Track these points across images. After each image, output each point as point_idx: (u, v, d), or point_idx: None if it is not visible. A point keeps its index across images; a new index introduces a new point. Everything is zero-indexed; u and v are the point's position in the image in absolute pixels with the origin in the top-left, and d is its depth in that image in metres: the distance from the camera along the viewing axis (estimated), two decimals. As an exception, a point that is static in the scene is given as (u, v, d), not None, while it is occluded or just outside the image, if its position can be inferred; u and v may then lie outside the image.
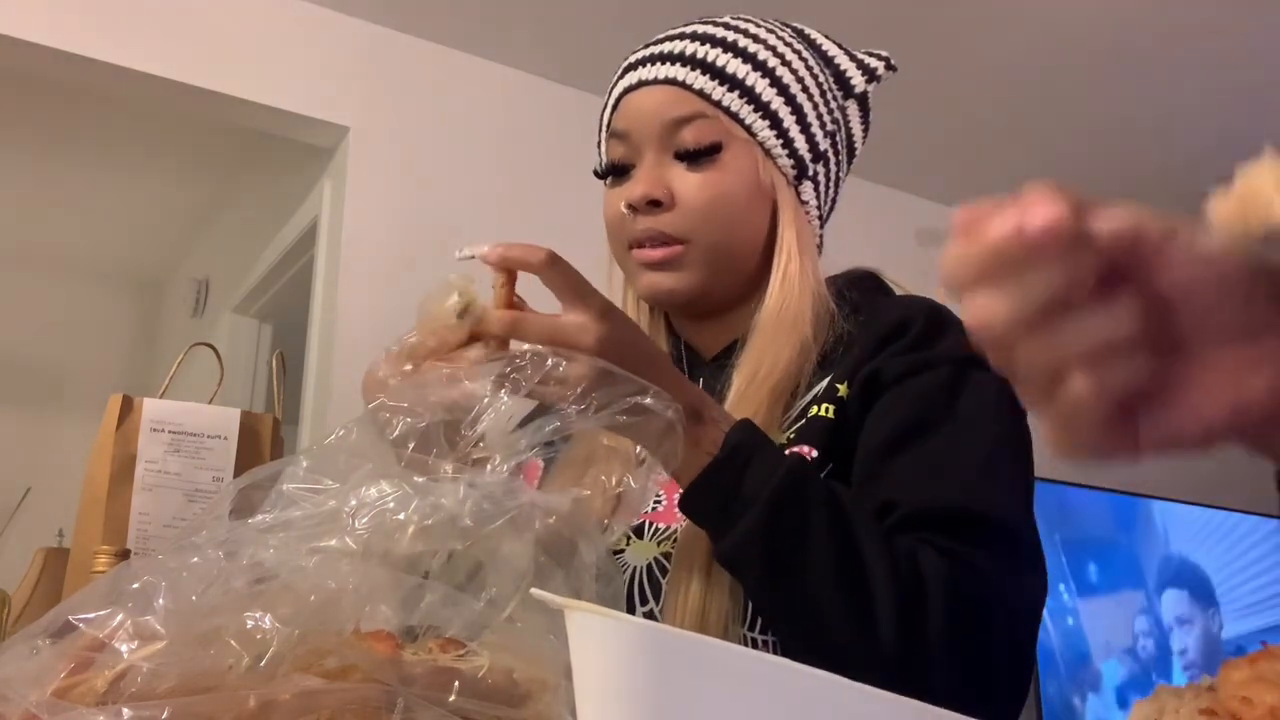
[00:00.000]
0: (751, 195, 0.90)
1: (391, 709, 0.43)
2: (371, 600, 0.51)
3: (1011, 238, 0.36)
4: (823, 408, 0.83)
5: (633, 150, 0.91)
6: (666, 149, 0.89)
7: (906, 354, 0.83)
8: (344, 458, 0.58)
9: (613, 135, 0.93)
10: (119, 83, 2.31)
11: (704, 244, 0.88)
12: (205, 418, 0.96)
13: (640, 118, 0.90)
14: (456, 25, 2.54)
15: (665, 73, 0.90)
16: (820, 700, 0.32)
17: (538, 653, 0.50)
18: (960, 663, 0.69)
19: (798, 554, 0.69)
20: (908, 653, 0.68)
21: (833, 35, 1.03)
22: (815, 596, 0.69)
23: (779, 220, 0.91)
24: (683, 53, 0.91)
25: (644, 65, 0.92)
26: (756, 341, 0.88)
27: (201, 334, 3.33)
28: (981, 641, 0.70)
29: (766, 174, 0.90)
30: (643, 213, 0.88)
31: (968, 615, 0.69)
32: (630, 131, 0.91)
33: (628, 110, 0.92)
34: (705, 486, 0.72)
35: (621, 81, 0.94)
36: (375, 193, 2.47)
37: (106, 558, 0.75)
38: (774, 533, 0.70)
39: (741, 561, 0.72)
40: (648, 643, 0.34)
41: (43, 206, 3.56)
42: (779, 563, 0.70)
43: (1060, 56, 2.60)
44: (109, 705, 0.42)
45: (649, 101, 0.90)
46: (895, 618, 0.68)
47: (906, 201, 3.28)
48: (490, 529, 0.55)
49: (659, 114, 0.89)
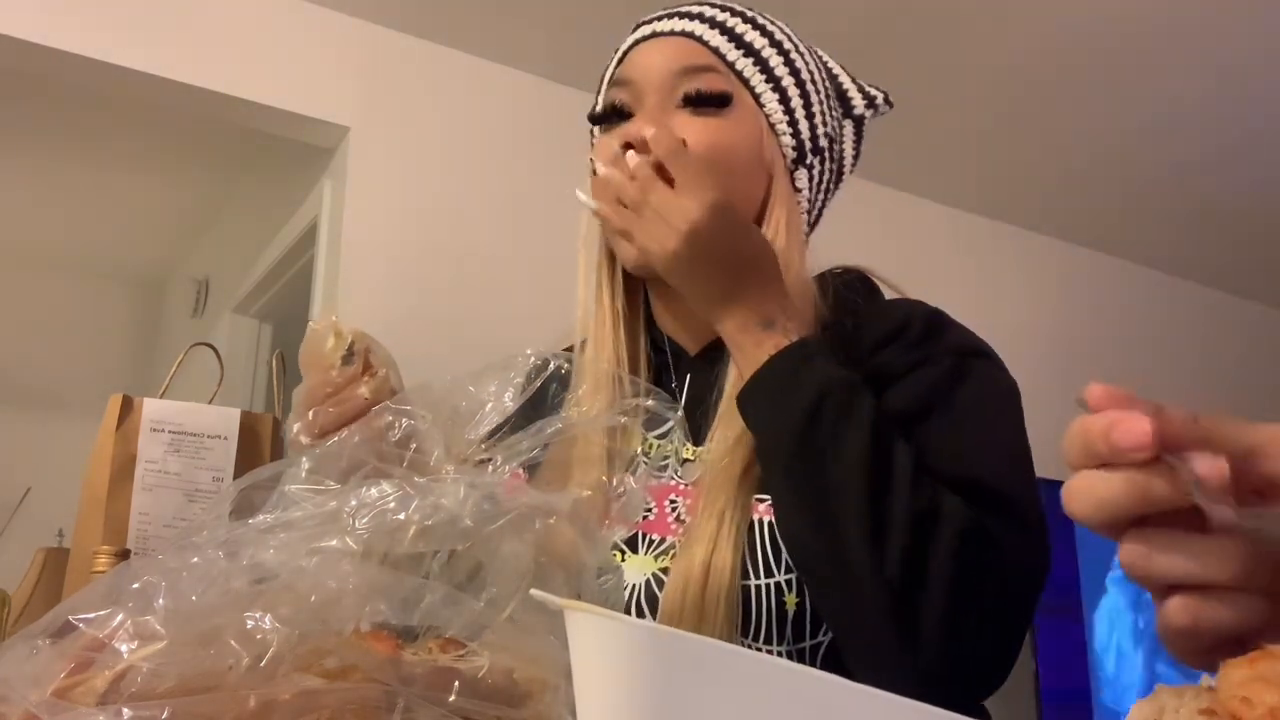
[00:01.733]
0: (751, 160, 0.88)
1: (391, 709, 0.43)
2: (371, 600, 0.51)
3: (1102, 440, 0.36)
4: None
5: (634, 97, 0.89)
6: (672, 98, 0.87)
7: (909, 351, 0.83)
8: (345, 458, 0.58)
9: (615, 83, 0.91)
10: (119, 83, 2.31)
11: None
12: (205, 418, 0.96)
13: (649, 66, 0.88)
14: (456, 25, 2.54)
15: (681, 26, 0.89)
16: (821, 701, 0.32)
17: (538, 653, 0.50)
18: (955, 598, 0.68)
19: (829, 453, 0.71)
20: (908, 583, 0.68)
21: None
22: (834, 498, 0.70)
23: (771, 197, 0.89)
24: (701, 14, 0.90)
25: (658, 21, 0.92)
26: None
27: (201, 334, 3.33)
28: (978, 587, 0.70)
29: (769, 147, 0.89)
30: (640, 151, 0.83)
31: (971, 557, 0.69)
32: (636, 79, 0.89)
33: (636, 59, 0.90)
34: (765, 374, 0.75)
35: (632, 36, 0.93)
36: (375, 193, 2.47)
37: (106, 558, 0.75)
38: (813, 427, 0.71)
39: (775, 449, 0.74)
40: (648, 643, 0.34)
41: (42, 206, 3.55)
42: (811, 459, 0.71)
43: (1060, 57, 2.60)
44: (109, 705, 0.42)
45: (661, 51, 0.89)
46: (905, 537, 0.68)
47: (907, 201, 3.28)
48: (491, 529, 0.55)
49: (671, 62, 0.88)
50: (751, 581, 0.76)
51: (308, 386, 0.79)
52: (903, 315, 0.87)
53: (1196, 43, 2.53)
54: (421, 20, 2.53)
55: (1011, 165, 3.14)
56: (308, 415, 0.76)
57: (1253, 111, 2.82)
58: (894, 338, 0.85)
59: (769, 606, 0.76)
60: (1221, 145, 2.98)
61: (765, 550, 0.77)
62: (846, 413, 0.72)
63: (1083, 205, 3.36)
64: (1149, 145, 2.99)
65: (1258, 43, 2.52)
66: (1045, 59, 2.60)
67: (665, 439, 0.88)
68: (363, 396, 0.76)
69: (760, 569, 0.77)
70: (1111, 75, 2.67)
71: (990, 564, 0.70)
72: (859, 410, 0.72)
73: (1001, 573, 0.71)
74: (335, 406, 0.76)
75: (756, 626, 0.76)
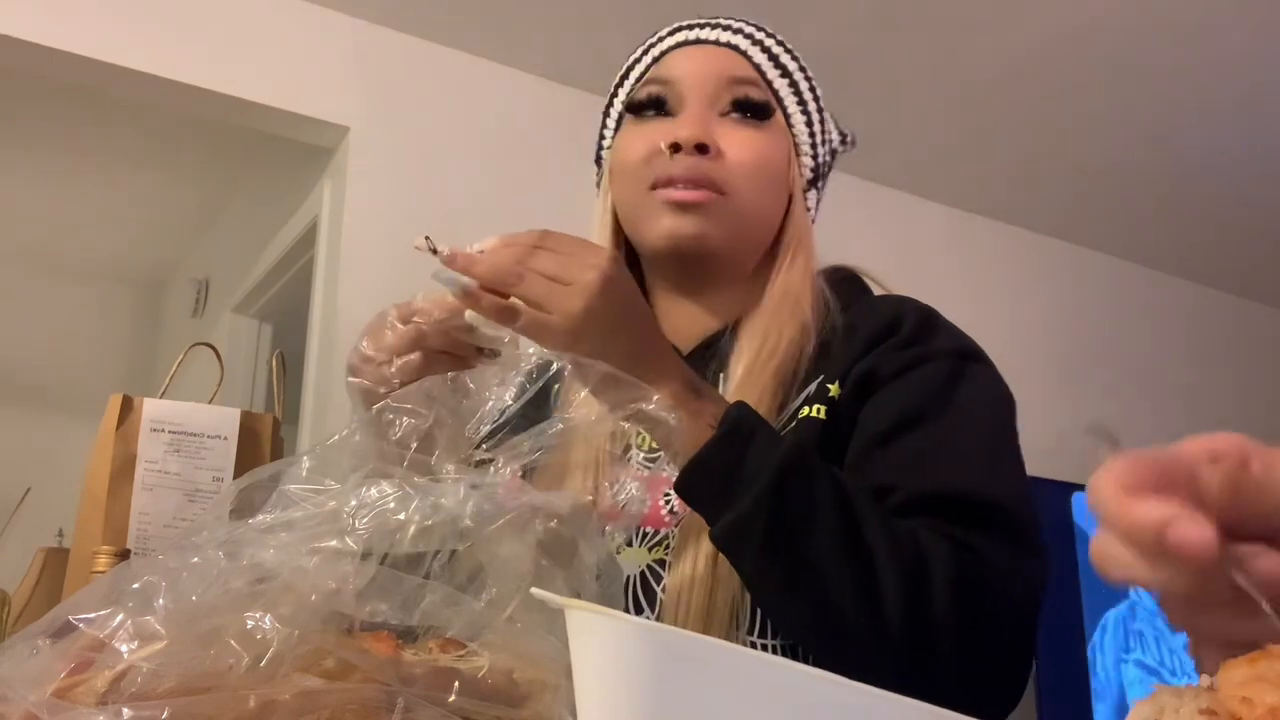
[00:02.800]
0: (781, 174, 0.91)
1: (391, 709, 0.43)
2: (371, 600, 0.51)
3: (1153, 533, 0.33)
4: (814, 409, 0.82)
5: (675, 97, 0.89)
6: (714, 106, 0.88)
7: (901, 350, 0.83)
8: (345, 458, 0.58)
9: (653, 80, 0.91)
10: (119, 83, 2.31)
11: (739, 200, 0.87)
12: (205, 418, 0.96)
13: (694, 69, 0.89)
14: (456, 25, 2.54)
15: (726, 38, 0.91)
16: (821, 700, 0.32)
17: (538, 653, 0.50)
18: (963, 643, 0.68)
19: (802, 529, 0.68)
20: (913, 631, 0.67)
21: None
22: (820, 573, 0.68)
23: (791, 212, 0.92)
24: (742, 29, 0.92)
25: (700, 29, 0.93)
26: (758, 320, 0.87)
27: (201, 334, 3.33)
28: (983, 623, 0.69)
29: (794, 167, 0.92)
30: (688, 153, 0.85)
31: (969, 596, 0.68)
32: (678, 79, 0.90)
33: (678, 60, 0.91)
34: (708, 461, 0.70)
35: (669, 39, 0.93)
36: (375, 193, 2.47)
37: (106, 558, 0.75)
38: (780, 507, 0.68)
39: (744, 537, 0.69)
40: (648, 643, 0.34)
41: (43, 206, 3.55)
42: (784, 538, 0.68)
43: (1060, 57, 2.60)
44: (109, 705, 0.42)
45: (707, 57, 0.90)
46: (900, 595, 0.66)
47: (907, 201, 3.28)
48: (491, 530, 0.55)
49: (719, 70, 0.89)
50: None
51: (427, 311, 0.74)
52: (894, 313, 0.87)
53: (1197, 43, 2.53)
54: (421, 20, 2.53)
55: (1011, 165, 3.14)
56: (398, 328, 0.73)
57: (1252, 111, 2.82)
58: (886, 336, 0.85)
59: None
60: (1222, 145, 2.98)
61: None
62: (807, 496, 0.69)
63: (1082, 205, 3.36)
64: (1149, 145, 2.99)
65: (1258, 43, 2.52)
66: (1045, 59, 2.60)
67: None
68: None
69: None
70: (1111, 75, 2.67)
71: (988, 591, 0.70)
72: (819, 479, 0.70)
73: (1001, 593, 0.71)
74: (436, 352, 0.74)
75: (752, 620, 0.77)
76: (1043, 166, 3.14)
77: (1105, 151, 3.03)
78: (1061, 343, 3.49)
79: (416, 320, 0.74)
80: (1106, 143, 2.99)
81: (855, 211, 3.15)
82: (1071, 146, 3.01)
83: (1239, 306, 4.01)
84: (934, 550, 0.69)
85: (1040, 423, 3.78)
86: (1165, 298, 3.82)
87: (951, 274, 3.32)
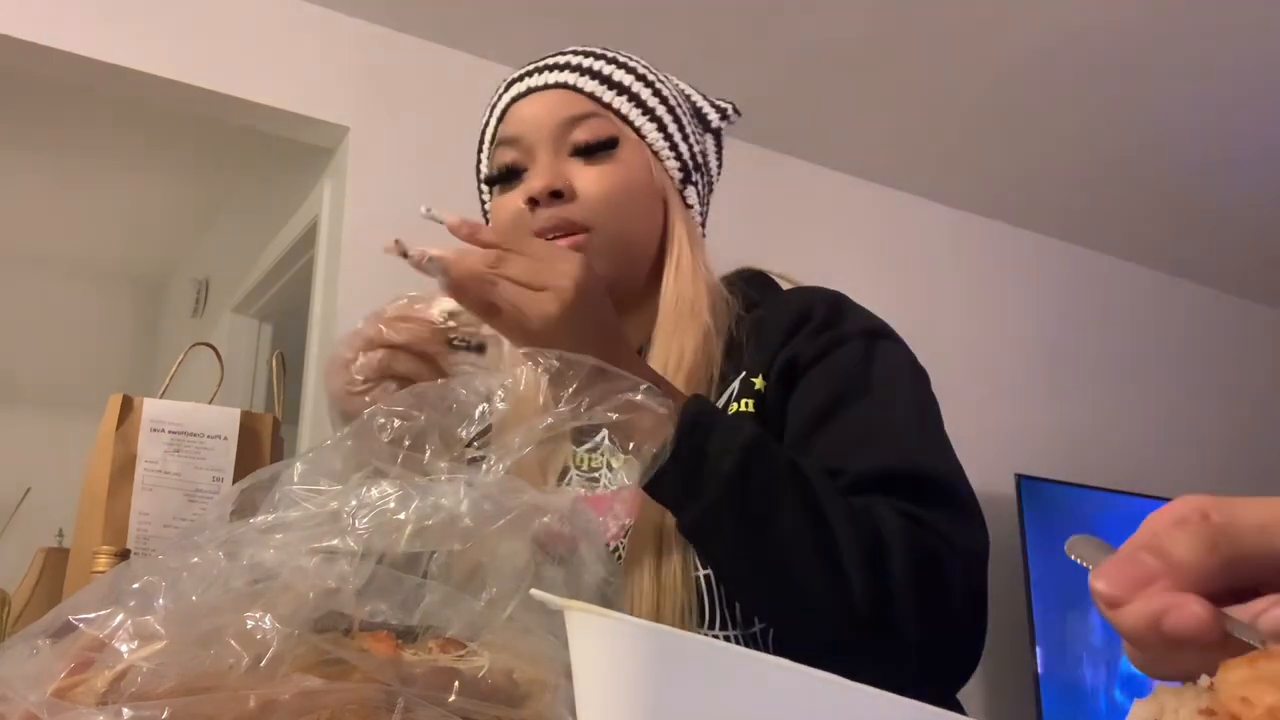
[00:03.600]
0: (646, 190, 0.93)
1: (391, 709, 0.43)
2: (371, 600, 0.51)
3: (1149, 629, 0.33)
4: (742, 404, 0.86)
5: (524, 154, 0.93)
6: (560, 149, 0.92)
7: (816, 336, 0.87)
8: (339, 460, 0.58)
9: (501, 143, 0.95)
10: (119, 83, 2.31)
11: (606, 233, 0.89)
12: (205, 418, 0.96)
13: (533, 121, 0.93)
14: (456, 25, 2.54)
15: (555, 79, 0.94)
16: (820, 700, 0.32)
17: (538, 653, 0.50)
18: (924, 611, 0.71)
19: (769, 514, 0.71)
20: (876, 604, 0.70)
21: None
22: (788, 556, 0.71)
23: (670, 217, 0.95)
24: (569, 63, 0.95)
25: (530, 76, 0.96)
26: (660, 337, 0.90)
27: (201, 334, 3.33)
28: (939, 590, 0.73)
29: (658, 174, 0.94)
30: (545, 205, 0.89)
31: (925, 565, 0.72)
32: (522, 135, 0.93)
33: (518, 116, 0.94)
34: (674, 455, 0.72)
35: (506, 94, 0.97)
36: (375, 193, 2.47)
37: (106, 558, 0.75)
38: (747, 494, 0.71)
39: (714, 526, 0.73)
40: (648, 643, 0.34)
41: (43, 206, 3.56)
42: (752, 524, 0.71)
43: (1060, 58, 2.60)
44: (109, 705, 0.42)
45: (541, 105, 0.93)
46: (863, 570, 0.70)
47: (907, 201, 3.28)
48: (490, 529, 0.55)
49: (552, 115, 0.92)
50: (703, 572, 0.80)
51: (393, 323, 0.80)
52: (804, 303, 0.91)
53: (1195, 44, 2.53)
54: (421, 20, 2.53)
55: (1011, 165, 3.14)
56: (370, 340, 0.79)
57: (1251, 112, 2.82)
58: (800, 325, 0.88)
59: (722, 595, 0.80)
60: (1221, 146, 2.99)
61: None
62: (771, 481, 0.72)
63: (1082, 205, 3.36)
64: (1148, 146, 3.00)
65: (1256, 43, 2.53)
66: (1045, 60, 2.61)
67: (595, 452, 0.91)
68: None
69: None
70: (1110, 76, 2.67)
71: (941, 559, 0.73)
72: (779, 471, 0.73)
73: (952, 561, 0.74)
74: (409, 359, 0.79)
75: (711, 615, 0.80)
76: (1043, 167, 3.14)
77: (1105, 152, 3.03)
78: (1061, 343, 3.50)
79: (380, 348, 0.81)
80: (1106, 143, 2.99)
81: (855, 211, 3.15)
82: (1071, 147, 3.01)
83: (1240, 307, 4.01)
84: (888, 523, 0.73)
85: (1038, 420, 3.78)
86: (1165, 298, 3.82)
87: (952, 274, 3.32)
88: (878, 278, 2.86)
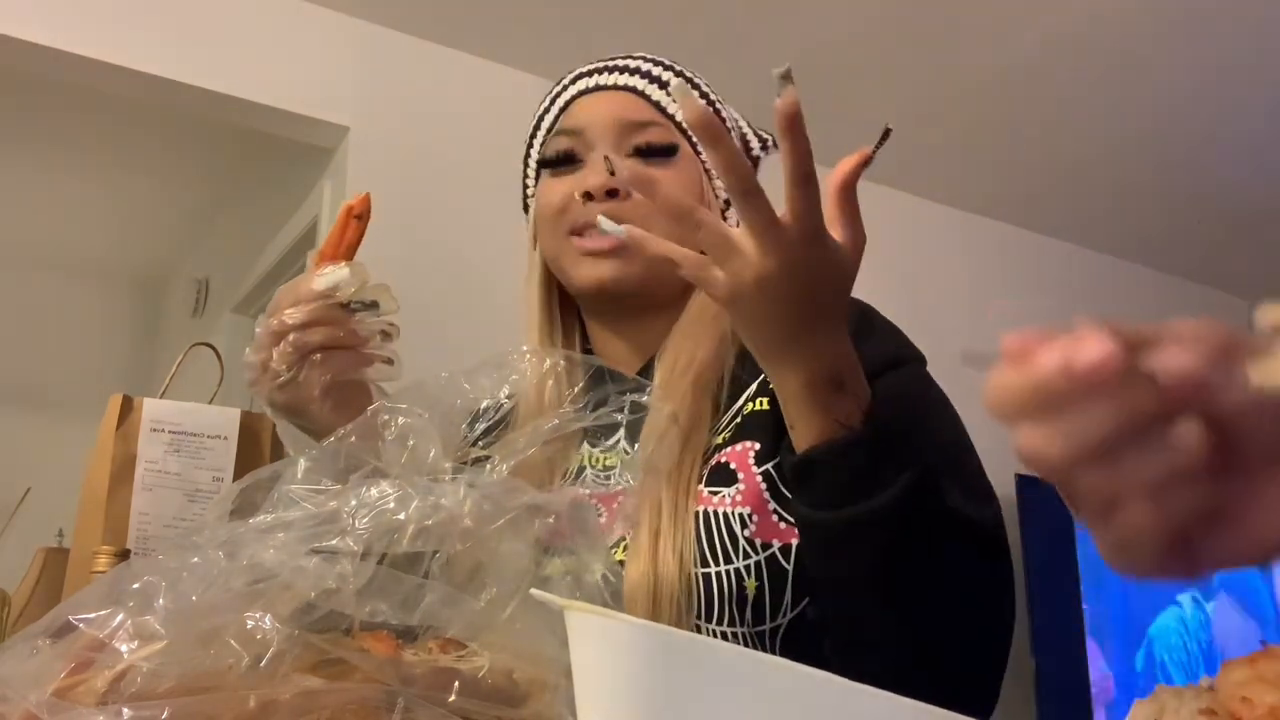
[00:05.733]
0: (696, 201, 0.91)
1: (391, 709, 0.43)
2: (371, 600, 0.51)
3: (1060, 374, 0.34)
4: (758, 401, 0.86)
5: (584, 146, 0.94)
6: (621, 149, 0.92)
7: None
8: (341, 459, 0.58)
9: (561, 132, 0.96)
10: (119, 83, 2.30)
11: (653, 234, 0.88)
12: (205, 418, 0.96)
13: (597, 117, 0.94)
14: (456, 25, 2.54)
15: (624, 81, 0.95)
16: (820, 700, 0.32)
17: (538, 653, 0.50)
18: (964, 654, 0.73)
19: (903, 543, 0.69)
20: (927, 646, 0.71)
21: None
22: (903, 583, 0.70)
23: None
24: (638, 68, 0.96)
25: (599, 74, 0.97)
26: (674, 338, 0.91)
27: (201, 334, 3.33)
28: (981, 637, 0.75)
29: (709, 192, 0.95)
30: (599, 200, 0.89)
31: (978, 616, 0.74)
32: (585, 129, 0.94)
33: (582, 109, 0.95)
34: (838, 458, 0.69)
35: (572, 87, 0.98)
36: (375, 193, 2.46)
37: (106, 558, 0.74)
38: (904, 518, 0.68)
39: (860, 535, 0.69)
40: (648, 643, 0.34)
41: (43, 206, 3.55)
42: (900, 547, 0.69)
43: (1058, 58, 2.60)
44: (109, 705, 0.42)
45: (608, 104, 0.94)
46: (931, 620, 0.71)
47: (907, 201, 3.28)
48: (490, 529, 0.55)
49: (619, 115, 0.93)
50: (711, 569, 0.80)
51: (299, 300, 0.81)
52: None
53: (1193, 43, 2.53)
54: (421, 20, 2.53)
55: (1011, 165, 3.14)
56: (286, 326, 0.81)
57: (1250, 111, 2.82)
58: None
59: (729, 591, 0.79)
60: (1220, 145, 2.99)
61: (722, 539, 0.81)
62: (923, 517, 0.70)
63: (1082, 205, 3.36)
64: (1148, 145, 3.00)
65: (1253, 42, 2.53)
66: (1044, 60, 2.61)
67: (609, 452, 0.92)
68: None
69: (720, 556, 0.80)
70: (1109, 76, 2.67)
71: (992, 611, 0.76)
72: (929, 516, 0.70)
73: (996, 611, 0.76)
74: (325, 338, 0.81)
75: (720, 611, 0.79)
76: (1043, 167, 3.14)
77: (1106, 152, 3.03)
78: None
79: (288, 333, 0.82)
80: (1107, 143, 2.99)
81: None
82: (1072, 147, 3.01)
83: (1240, 307, 4.01)
84: (965, 570, 0.73)
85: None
86: (1166, 298, 3.82)
87: (952, 274, 3.32)
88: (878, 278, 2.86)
